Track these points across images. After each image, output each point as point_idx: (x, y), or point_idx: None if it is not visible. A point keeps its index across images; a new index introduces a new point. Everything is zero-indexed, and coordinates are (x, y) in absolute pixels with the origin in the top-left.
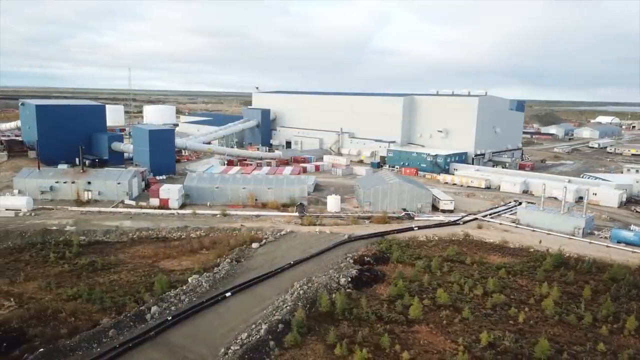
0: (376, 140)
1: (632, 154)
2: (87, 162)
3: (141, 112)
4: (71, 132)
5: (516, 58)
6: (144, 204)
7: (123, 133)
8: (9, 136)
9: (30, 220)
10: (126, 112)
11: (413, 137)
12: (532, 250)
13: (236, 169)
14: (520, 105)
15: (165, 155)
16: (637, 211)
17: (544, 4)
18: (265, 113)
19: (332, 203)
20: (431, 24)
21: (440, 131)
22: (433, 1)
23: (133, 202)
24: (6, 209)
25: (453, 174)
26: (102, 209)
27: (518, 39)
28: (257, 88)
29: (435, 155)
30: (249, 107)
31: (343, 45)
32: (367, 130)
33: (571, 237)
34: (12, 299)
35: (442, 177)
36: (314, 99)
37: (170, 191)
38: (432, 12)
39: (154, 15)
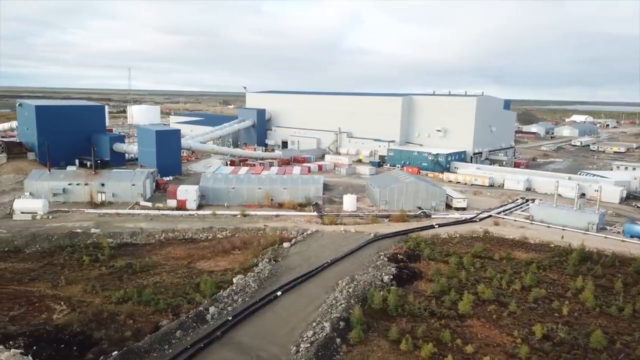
0: (375, 140)
1: (615, 152)
2: (88, 163)
3: (122, 112)
4: (71, 133)
5: (492, 58)
6: (160, 205)
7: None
8: None
9: (49, 223)
10: (109, 112)
11: (411, 136)
12: (552, 245)
13: (245, 169)
14: (506, 105)
15: (171, 156)
16: (638, 207)
17: (515, 5)
18: (261, 113)
19: (349, 202)
20: (406, 24)
21: (439, 130)
22: (406, 1)
23: (149, 204)
24: (22, 212)
25: (455, 173)
26: (120, 211)
27: (493, 39)
28: (245, 88)
29: (437, 154)
30: (240, 106)
31: (317, 45)
32: (365, 129)
33: (586, 232)
34: (62, 303)
35: (445, 175)
36: (310, 99)
37: (188, 192)
38: (406, 13)
39: (125, 14)
